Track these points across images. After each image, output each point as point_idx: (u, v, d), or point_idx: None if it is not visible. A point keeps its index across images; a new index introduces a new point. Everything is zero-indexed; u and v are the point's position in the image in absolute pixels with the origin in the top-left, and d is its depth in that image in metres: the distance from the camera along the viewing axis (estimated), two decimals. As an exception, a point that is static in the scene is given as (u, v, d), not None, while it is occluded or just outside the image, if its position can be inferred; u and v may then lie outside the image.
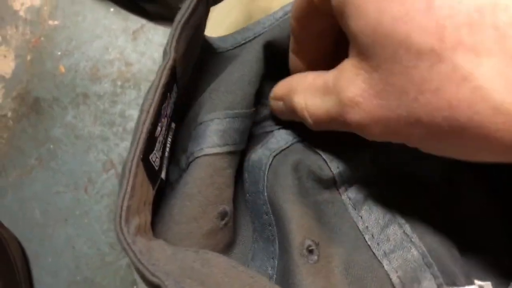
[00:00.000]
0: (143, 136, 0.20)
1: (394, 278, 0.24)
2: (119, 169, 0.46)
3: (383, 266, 0.24)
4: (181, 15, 0.22)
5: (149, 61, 0.49)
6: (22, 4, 0.51)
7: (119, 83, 0.48)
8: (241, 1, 0.41)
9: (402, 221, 0.25)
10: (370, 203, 0.26)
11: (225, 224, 0.25)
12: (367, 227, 0.26)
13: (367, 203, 0.26)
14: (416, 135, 0.19)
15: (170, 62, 0.21)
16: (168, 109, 0.22)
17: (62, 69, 0.48)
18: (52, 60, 0.49)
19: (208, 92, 0.26)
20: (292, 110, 0.25)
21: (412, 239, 0.25)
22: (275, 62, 0.28)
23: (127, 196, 0.18)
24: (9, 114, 0.46)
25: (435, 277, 0.24)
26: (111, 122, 0.47)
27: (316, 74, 0.24)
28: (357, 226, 0.26)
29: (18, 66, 0.48)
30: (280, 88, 0.27)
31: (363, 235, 0.25)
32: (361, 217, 0.26)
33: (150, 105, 0.20)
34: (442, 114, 0.17)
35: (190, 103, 0.27)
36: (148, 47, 0.50)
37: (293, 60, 0.27)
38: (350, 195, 0.26)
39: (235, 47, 0.30)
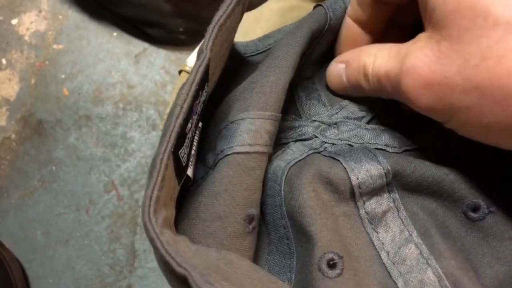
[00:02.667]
0: (176, 130, 0.19)
1: None
2: (121, 190, 0.46)
3: (398, 287, 0.24)
4: (219, 16, 0.22)
5: (151, 84, 0.50)
6: (28, 29, 0.52)
7: (121, 105, 0.49)
8: (280, 11, 0.42)
9: (419, 241, 0.25)
10: (388, 219, 0.25)
11: (253, 229, 0.24)
12: (383, 244, 0.25)
13: (384, 220, 0.25)
14: (464, 108, 0.20)
15: (206, 61, 0.21)
16: (198, 107, 0.22)
17: (66, 92, 0.49)
18: (56, 83, 0.50)
19: (239, 92, 0.26)
20: (355, 70, 0.26)
21: (429, 261, 0.24)
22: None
23: (157, 186, 0.18)
24: (13, 136, 0.47)
25: None
26: (113, 143, 0.48)
27: (391, 44, 0.25)
28: (373, 242, 0.25)
29: (22, 89, 0.49)
30: (348, 52, 0.28)
31: (378, 252, 0.25)
32: (377, 233, 0.25)
33: (185, 100, 0.20)
34: (499, 81, 0.18)
35: (216, 104, 0.27)
36: (150, 70, 0.51)
37: (352, 30, 0.28)
38: (367, 209, 0.25)
39: (256, 54, 0.30)
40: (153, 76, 0.50)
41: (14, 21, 0.53)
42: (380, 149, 0.27)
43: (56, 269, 0.42)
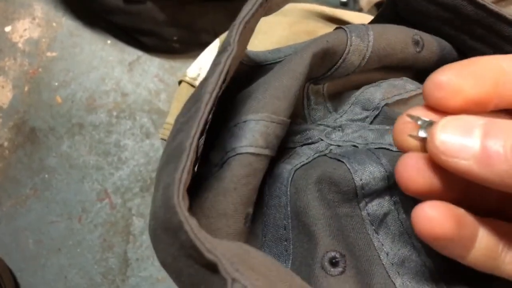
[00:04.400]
0: (205, 116, 0.19)
1: None
2: (113, 198, 0.46)
3: (396, 287, 0.24)
4: (246, 13, 0.22)
5: (145, 92, 0.50)
6: (21, 36, 0.52)
7: (114, 113, 0.49)
8: (282, 25, 0.42)
9: (417, 244, 0.25)
10: (388, 221, 0.26)
11: (248, 228, 0.24)
12: (382, 245, 0.26)
13: (385, 222, 0.26)
14: None
15: (233, 53, 0.21)
16: (216, 101, 0.22)
17: (59, 100, 0.49)
18: (49, 91, 0.50)
19: (249, 92, 0.26)
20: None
21: (427, 263, 0.25)
22: (313, 74, 0.28)
23: (186, 170, 0.17)
24: (5, 144, 0.47)
25: None
26: (106, 151, 0.48)
27: None
28: (373, 243, 0.26)
29: (15, 96, 0.49)
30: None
31: (378, 253, 0.25)
32: (378, 235, 0.26)
33: (214, 88, 0.19)
34: None
35: (221, 103, 0.27)
36: (144, 78, 0.51)
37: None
38: (369, 210, 0.26)
39: (265, 64, 0.30)
40: (147, 84, 0.51)
41: (7, 28, 0.53)
42: (385, 148, 0.28)
43: (48, 278, 0.41)
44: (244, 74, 0.30)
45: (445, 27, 0.31)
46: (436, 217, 0.18)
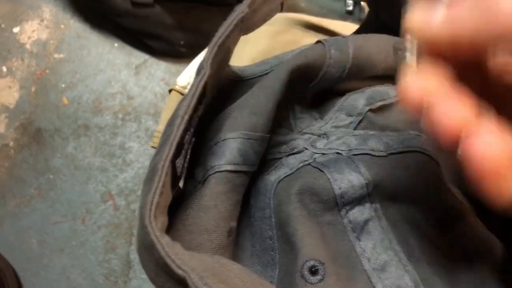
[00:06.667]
0: (177, 139, 0.20)
1: None
2: (117, 200, 0.46)
3: None
4: (219, 36, 0.24)
5: (151, 95, 0.51)
6: (29, 38, 0.53)
7: (120, 115, 0.50)
8: (268, 33, 0.43)
9: (398, 248, 0.26)
10: (370, 228, 0.27)
11: (232, 241, 0.25)
12: (364, 251, 0.26)
13: (366, 228, 0.27)
14: None
15: (206, 76, 0.22)
16: (195, 121, 0.23)
17: (65, 101, 0.50)
18: (56, 92, 0.50)
19: (230, 110, 0.27)
20: None
21: (406, 267, 0.25)
22: (296, 89, 0.29)
23: (158, 192, 0.19)
24: (11, 143, 0.47)
25: None
26: (111, 153, 0.48)
27: None
28: (355, 250, 0.26)
29: (22, 97, 0.49)
30: None
31: (360, 259, 0.26)
32: (360, 241, 0.26)
33: (186, 112, 0.21)
34: None
35: (206, 121, 0.28)
36: (150, 81, 0.51)
37: None
38: (350, 217, 0.26)
39: (252, 78, 0.31)
40: (153, 88, 0.51)
41: (16, 29, 0.53)
42: (367, 154, 0.28)
43: (51, 278, 0.41)
44: (232, 90, 0.31)
45: None
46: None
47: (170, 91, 0.43)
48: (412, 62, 0.20)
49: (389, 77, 0.32)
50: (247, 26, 0.28)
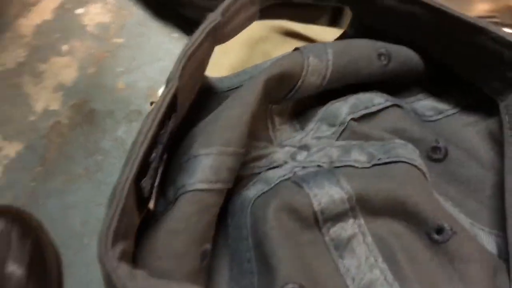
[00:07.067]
0: (139, 159, 0.19)
1: None
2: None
3: None
4: (189, 46, 0.23)
5: (205, 88, 0.50)
6: (91, 20, 0.53)
7: (173, 105, 0.49)
8: (244, 43, 0.41)
9: (384, 266, 0.25)
10: (353, 245, 0.25)
11: (206, 265, 0.24)
12: (348, 270, 0.25)
13: (350, 245, 0.25)
14: None
15: (173, 89, 0.21)
16: (164, 137, 0.22)
17: (121, 85, 0.50)
18: (113, 76, 0.50)
19: (204, 124, 0.26)
20: None
21: (393, 286, 0.24)
22: (273, 99, 0.28)
23: (116, 217, 0.18)
24: (65, 121, 0.47)
25: None
26: (161, 141, 0.48)
27: None
28: (338, 269, 0.25)
29: (79, 77, 0.50)
30: None
31: (344, 278, 0.25)
32: (343, 259, 0.25)
33: (149, 129, 0.20)
34: None
35: (181, 136, 0.26)
36: (205, 74, 0.51)
37: None
38: (332, 235, 0.25)
39: (231, 89, 0.30)
40: (208, 81, 0.51)
41: (79, 11, 0.54)
42: (349, 165, 0.27)
43: (90, 259, 0.41)
44: (210, 102, 0.29)
45: (415, 35, 0.29)
46: None
47: (151, 103, 0.42)
48: None
49: (373, 83, 0.30)
50: (221, 35, 0.27)
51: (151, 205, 0.24)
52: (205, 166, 0.23)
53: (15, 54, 0.50)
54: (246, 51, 0.42)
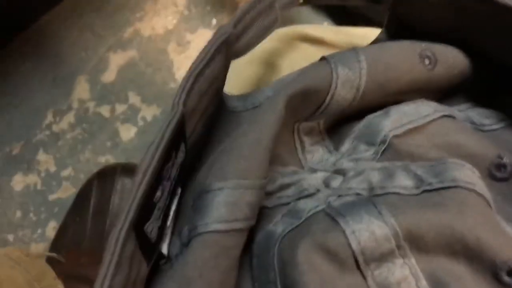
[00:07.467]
0: (137, 201, 0.17)
1: None
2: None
3: None
4: (195, 65, 0.20)
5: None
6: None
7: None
8: (260, 56, 0.37)
9: None
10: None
11: None
12: None
13: None
14: None
15: (177, 117, 0.19)
16: (172, 171, 0.20)
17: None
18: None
19: (218, 153, 0.23)
20: None
21: None
22: (300, 118, 0.25)
23: (109, 274, 0.16)
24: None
25: None
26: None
27: None
28: None
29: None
30: None
31: None
32: None
33: (149, 165, 0.18)
34: None
35: (199, 164, 0.24)
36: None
37: None
38: (377, 279, 0.22)
39: (255, 107, 0.27)
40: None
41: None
42: (393, 193, 0.23)
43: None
44: (228, 124, 0.27)
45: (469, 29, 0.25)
46: None
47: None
48: None
49: (416, 90, 0.27)
50: (237, 48, 0.24)
51: (165, 249, 0.22)
52: (219, 204, 0.21)
53: (165, 20, 0.51)
54: (264, 65, 0.38)
